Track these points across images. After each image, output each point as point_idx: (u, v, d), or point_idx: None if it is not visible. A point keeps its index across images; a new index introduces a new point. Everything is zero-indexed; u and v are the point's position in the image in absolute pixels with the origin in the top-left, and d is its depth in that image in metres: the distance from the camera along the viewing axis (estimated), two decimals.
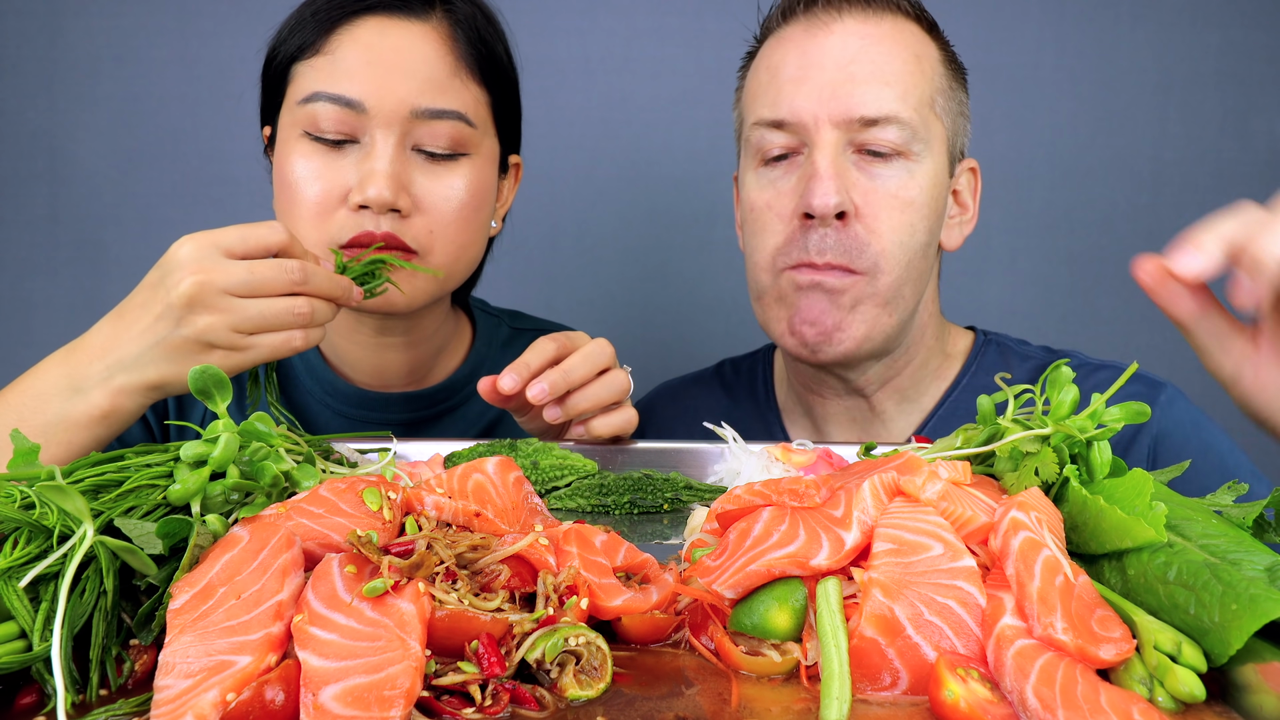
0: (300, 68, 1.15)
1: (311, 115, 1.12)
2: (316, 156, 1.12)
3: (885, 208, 1.12)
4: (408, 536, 0.62)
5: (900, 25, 1.17)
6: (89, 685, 0.57)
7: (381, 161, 1.10)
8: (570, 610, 0.61)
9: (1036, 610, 0.57)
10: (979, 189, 1.28)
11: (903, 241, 1.13)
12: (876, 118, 1.11)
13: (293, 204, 1.14)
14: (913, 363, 1.28)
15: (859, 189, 1.12)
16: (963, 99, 1.25)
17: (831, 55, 1.13)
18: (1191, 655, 0.55)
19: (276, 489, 0.71)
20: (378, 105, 1.10)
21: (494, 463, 0.78)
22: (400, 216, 1.12)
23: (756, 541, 0.67)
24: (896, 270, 1.14)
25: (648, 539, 0.90)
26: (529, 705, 0.56)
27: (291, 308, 0.92)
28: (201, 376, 0.74)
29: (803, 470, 0.98)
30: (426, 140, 1.13)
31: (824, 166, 1.11)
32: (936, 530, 0.62)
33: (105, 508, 0.63)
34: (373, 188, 1.09)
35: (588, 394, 1.05)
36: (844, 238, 1.12)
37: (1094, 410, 0.71)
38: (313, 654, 0.53)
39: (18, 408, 0.95)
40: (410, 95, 1.11)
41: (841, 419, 1.33)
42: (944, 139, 1.19)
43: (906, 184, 1.13)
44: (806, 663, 0.61)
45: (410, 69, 1.11)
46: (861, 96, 1.11)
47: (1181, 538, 0.63)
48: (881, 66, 1.12)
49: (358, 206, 1.11)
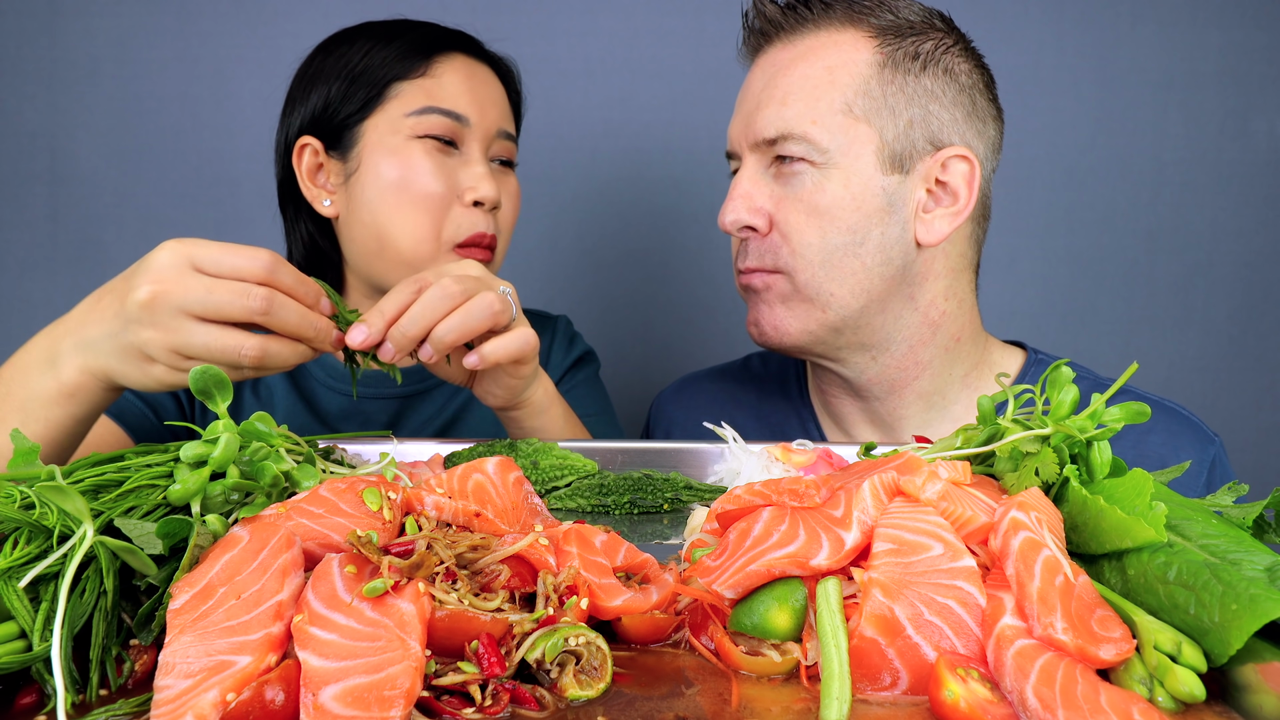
0: (405, 85, 1.30)
1: (425, 124, 1.28)
2: (437, 156, 1.29)
3: (793, 214, 1.21)
4: (408, 536, 0.62)
5: (821, 39, 1.21)
6: (89, 685, 0.57)
7: (483, 166, 1.31)
8: (570, 610, 0.61)
9: (1036, 610, 0.57)
10: (976, 177, 1.23)
11: (812, 244, 1.20)
12: (775, 137, 1.20)
13: (414, 200, 1.27)
14: (929, 367, 1.28)
15: (774, 199, 1.23)
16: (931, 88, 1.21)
17: (751, 87, 1.26)
18: (1191, 655, 0.55)
19: (276, 489, 0.71)
20: (478, 121, 1.31)
21: (494, 463, 0.78)
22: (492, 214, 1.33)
23: (756, 541, 0.67)
24: (810, 269, 1.21)
25: (648, 539, 0.90)
26: (529, 705, 0.56)
27: (239, 346, 0.87)
28: (202, 377, 0.74)
29: (803, 470, 0.98)
30: (500, 153, 1.36)
31: (733, 188, 1.25)
32: (936, 530, 0.62)
33: (105, 508, 0.63)
34: (487, 188, 1.29)
35: (450, 324, 0.97)
36: (761, 245, 1.25)
37: (1094, 410, 0.71)
38: (313, 654, 0.53)
39: (7, 381, 0.94)
40: (496, 117, 1.35)
41: (859, 418, 1.35)
42: (873, 140, 1.19)
43: (814, 191, 1.20)
44: (806, 663, 0.61)
45: (494, 99, 1.35)
46: (762, 120, 1.21)
47: (1181, 538, 0.63)
48: (783, 88, 1.21)
49: (472, 204, 1.29)
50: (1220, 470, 1.26)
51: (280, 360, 0.90)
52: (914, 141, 1.21)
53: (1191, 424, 1.29)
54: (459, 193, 1.29)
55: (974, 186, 1.23)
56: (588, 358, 1.56)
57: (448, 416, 1.43)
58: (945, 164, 1.22)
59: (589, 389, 1.51)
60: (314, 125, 1.32)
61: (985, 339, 1.35)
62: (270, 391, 1.40)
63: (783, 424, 1.42)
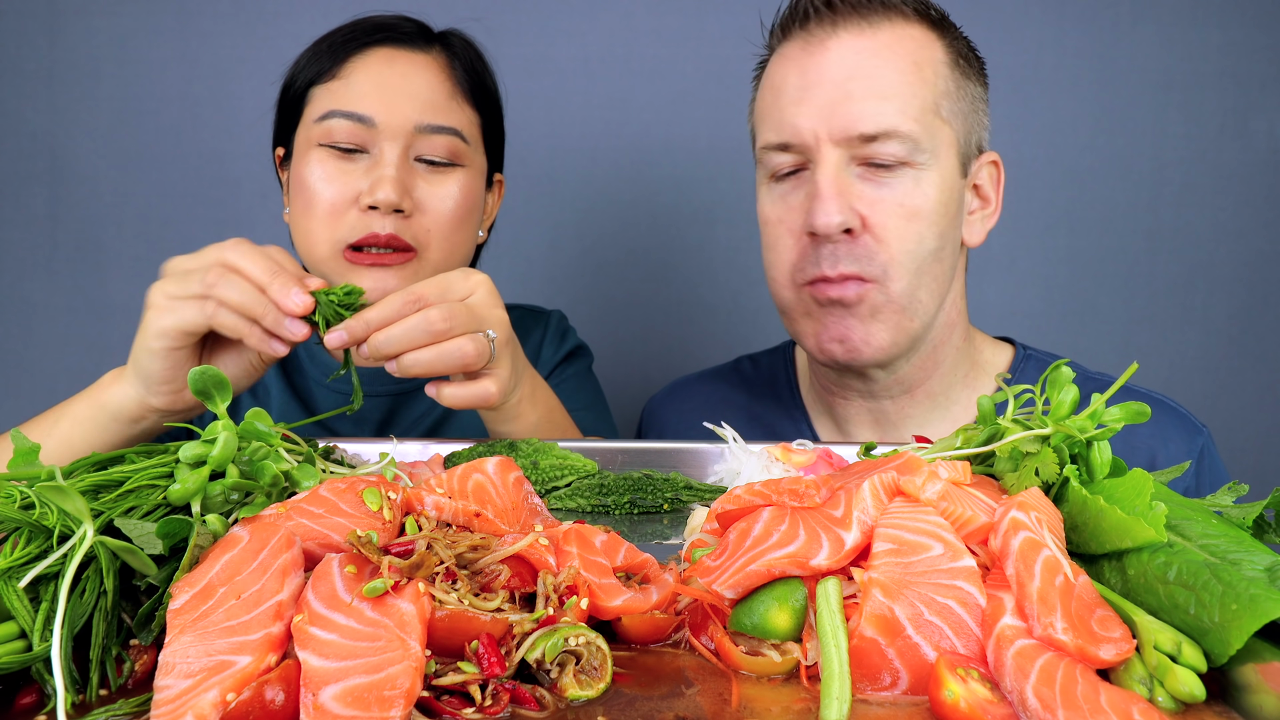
0: (317, 91, 1.28)
1: (327, 130, 1.25)
2: (331, 163, 1.25)
3: (892, 217, 1.14)
4: (408, 536, 0.62)
5: (899, 32, 1.16)
6: (89, 685, 0.57)
7: (389, 168, 1.23)
8: (570, 610, 0.61)
9: (1036, 610, 0.57)
10: (1001, 181, 1.27)
11: (911, 250, 1.15)
12: (875, 133, 1.12)
13: (309, 206, 1.25)
14: (941, 368, 1.28)
15: (865, 201, 1.14)
16: (977, 93, 1.22)
17: (828, 73, 1.14)
18: (1191, 655, 0.55)
19: (276, 489, 0.71)
20: (386, 121, 1.24)
21: (494, 463, 0.78)
22: (403, 218, 1.24)
23: (756, 541, 0.67)
24: (907, 277, 1.15)
25: (648, 539, 0.90)
26: (529, 705, 0.56)
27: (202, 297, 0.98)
28: (201, 377, 0.74)
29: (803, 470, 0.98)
30: (427, 151, 1.27)
31: (825, 186, 1.13)
32: (936, 530, 0.62)
33: (105, 508, 0.63)
34: (381, 191, 1.21)
35: (419, 358, 0.99)
36: (854, 249, 1.14)
37: (1094, 410, 0.71)
38: (313, 654, 0.53)
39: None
40: (414, 113, 1.25)
41: (865, 419, 1.33)
42: (953, 142, 1.18)
43: (912, 193, 1.14)
44: (806, 663, 0.61)
45: (413, 91, 1.26)
46: (859, 113, 1.12)
47: (1181, 538, 0.63)
48: (878, 80, 1.12)
49: (367, 207, 1.22)
50: (1209, 461, 1.26)
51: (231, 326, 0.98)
52: (973, 144, 1.22)
53: (1179, 415, 1.28)
54: (357, 196, 1.23)
55: (1000, 190, 1.26)
56: (579, 352, 1.56)
57: (440, 414, 1.44)
58: (982, 168, 1.24)
59: (579, 383, 1.51)
60: (276, 136, 1.37)
61: (978, 335, 1.36)
62: (266, 391, 1.41)
63: (775, 424, 1.41)
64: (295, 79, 1.32)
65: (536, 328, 1.55)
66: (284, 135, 1.35)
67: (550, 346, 1.54)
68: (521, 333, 1.53)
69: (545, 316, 1.58)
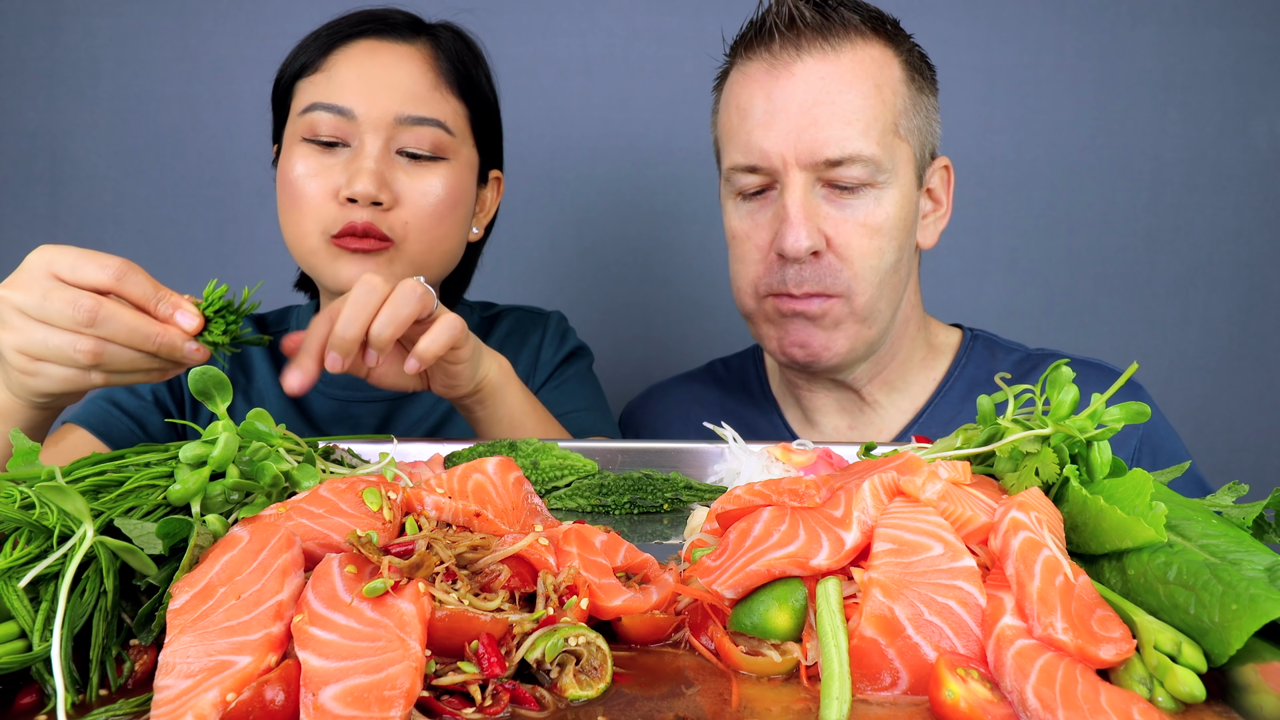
0: (301, 84, 1.28)
1: (309, 123, 1.24)
2: (312, 157, 1.24)
3: (855, 236, 1.19)
4: (408, 536, 0.62)
5: (859, 54, 1.19)
6: (89, 685, 0.57)
7: (368, 161, 1.22)
8: (570, 610, 0.61)
9: (1036, 610, 0.57)
10: (952, 182, 1.33)
11: (873, 265, 1.20)
12: (840, 159, 1.17)
13: (291, 200, 1.25)
14: (898, 356, 1.35)
15: (829, 221, 1.19)
16: (930, 104, 1.26)
17: (795, 98, 1.18)
18: (1191, 655, 0.55)
19: (276, 489, 0.71)
20: (366, 112, 1.23)
21: (494, 463, 0.78)
22: (382, 210, 1.24)
23: (756, 541, 0.67)
24: (869, 290, 1.21)
25: (648, 539, 0.90)
26: (529, 705, 0.56)
27: (74, 344, 0.88)
28: (201, 378, 0.74)
29: (803, 470, 0.98)
30: (409, 143, 1.25)
31: (794, 210, 1.18)
32: (936, 530, 0.62)
33: (105, 508, 0.63)
34: (359, 183, 1.20)
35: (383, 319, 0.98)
36: (818, 269, 1.20)
37: (1094, 410, 0.71)
38: (313, 654, 0.53)
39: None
40: (395, 104, 1.24)
41: (832, 408, 1.39)
42: (910, 158, 1.22)
43: (874, 212, 1.19)
44: (806, 663, 0.61)
45: (395, 83, 1.25)
46: (825, 139, 1.16)
47: (1181, 538, 0.63)
48: (842, 106, 1.17)
49: (346, 200, 1.22)
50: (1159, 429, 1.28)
51: (122, 361, 0.90)
52: (926, 154, 1.26)
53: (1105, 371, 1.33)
54: (337, 190, 1.23)
55: (950, 192, 1.32)
56: (579, 353, 1.56)
57: (437, 417, 1.43)
58: (934, 173, 1.29)
59: (580, 383, 1.50)
60: (274, 133, 1.37)
61: (932, 322, 1.42)
62: (261, 396, 1.40)
63: (748, 418, 1.45)
64: (283, 74, 1.32)
65: (536, 329, 1.54)
66: (278, 131, 1.36)
67: (550, 347, 1.53)
68: (521, 333, 1.53)
69: (545, 317, 1.58)
